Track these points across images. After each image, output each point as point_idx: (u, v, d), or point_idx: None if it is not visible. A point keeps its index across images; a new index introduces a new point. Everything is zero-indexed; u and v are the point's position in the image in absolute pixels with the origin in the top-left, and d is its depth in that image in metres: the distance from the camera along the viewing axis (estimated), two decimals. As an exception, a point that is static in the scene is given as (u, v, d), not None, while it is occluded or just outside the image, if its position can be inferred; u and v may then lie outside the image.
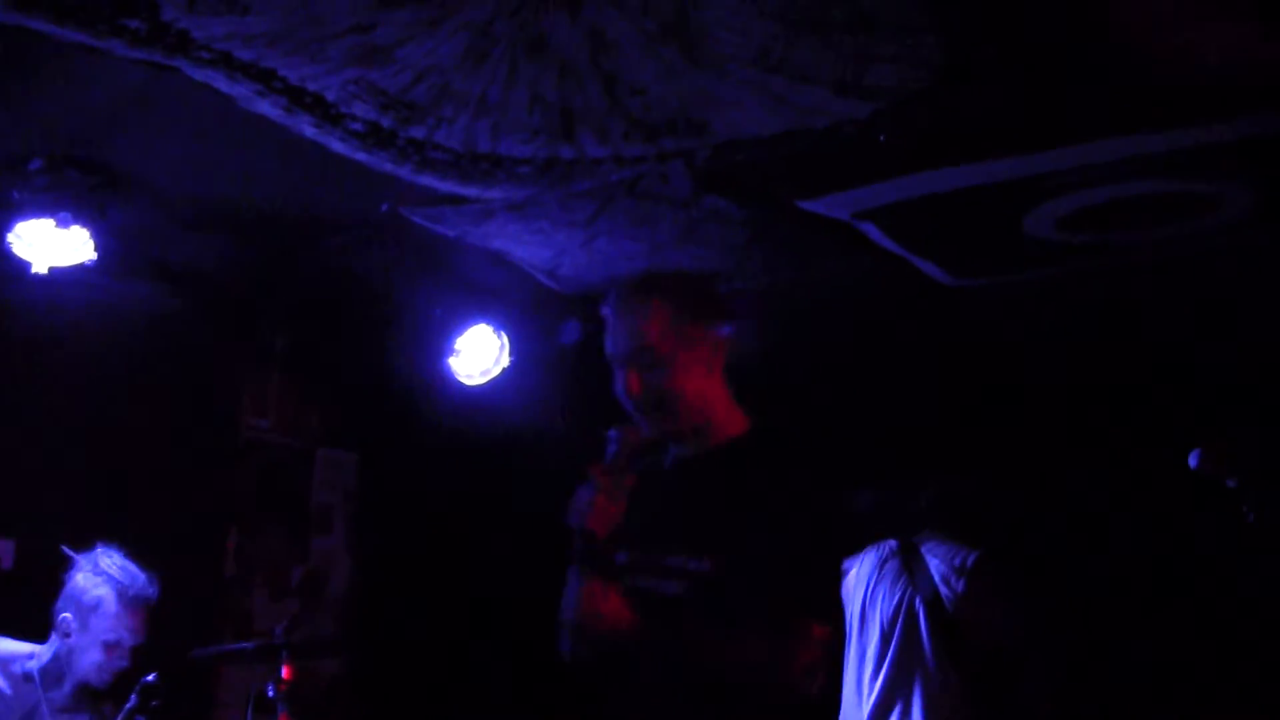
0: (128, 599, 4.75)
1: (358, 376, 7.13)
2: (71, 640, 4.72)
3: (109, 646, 4.70)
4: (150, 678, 4.48)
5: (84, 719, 4.72)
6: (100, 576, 4.76)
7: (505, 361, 6.48)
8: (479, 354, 6.46)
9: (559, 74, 4.20)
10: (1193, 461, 4.17)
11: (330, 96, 4.37)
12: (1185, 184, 4.97)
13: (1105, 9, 3.75)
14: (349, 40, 4.01)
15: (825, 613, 3.01)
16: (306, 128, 4.59)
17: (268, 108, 4.45)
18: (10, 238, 4.96)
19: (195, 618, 6.08)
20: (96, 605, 4.73)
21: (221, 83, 4.28)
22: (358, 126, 4.57)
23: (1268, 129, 4.50)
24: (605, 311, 3.21)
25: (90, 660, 4.69)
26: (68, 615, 4.73)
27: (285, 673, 4.81)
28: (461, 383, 6.48)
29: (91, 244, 5.02)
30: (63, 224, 4.94)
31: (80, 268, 5.07)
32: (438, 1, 3.80)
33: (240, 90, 4.33)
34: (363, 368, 7.01)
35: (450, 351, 6.42)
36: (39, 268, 5.02)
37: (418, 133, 4.61)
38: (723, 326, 3.19)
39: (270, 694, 4.80)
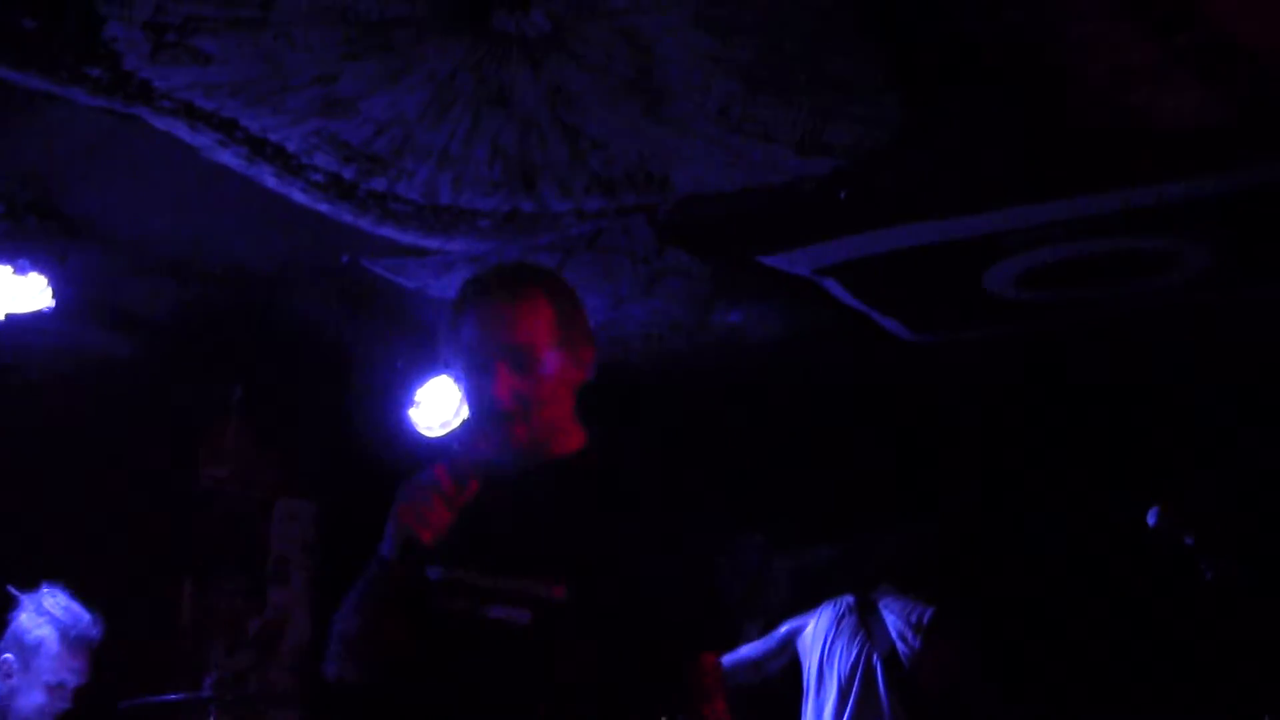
0: (70, 639, 4.66)
1: (317, 427, 7.09)
2: (13, 681, 4.63)
3: (51, 688, 4.62)
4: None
5: None
6: (43, 617, 4.68)
7: (465, 413, 6.45)
8: (439, 405, 6.44)
9: (521, 127, 4.22)
10: (1151, 519, 4.19)
11: (292, 147, 4.37)
12: (1143, 242, 5.01)
13: (1063, 70, 3.79)
14: (312, 91, 4.01)
15: (716, 642, 2.72)
16: (268, 178, 4.59)
17: (229, 158, 4.44)
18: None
19: (149, 668, 6.01)
20: (39, 646, 4.64)
21: (183, 132, 4.27)
22: (319, 178, 4.57)
23: (1222, 188, 4.56)
24: (467, 300, 2.81)
25: (32, 702, 4.61)
26: (9, 656, 4.65)
27: None
28: (421, 434, 6.46)
29: (49, 291, 4.99)
30: (20, 270, 4.91)
31: (38, 314, 5.04)
32: (401, 54, 3.81)
33: (202, 140, 4.32)
34: (322, 418, 6.97)
35: (410, 403, 6.40)
36: (-4, 314, 4.99)
37: (379, 184, 4.61)
38: (591, 340, 2.86)
39: None
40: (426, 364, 6.38)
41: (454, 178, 4.53)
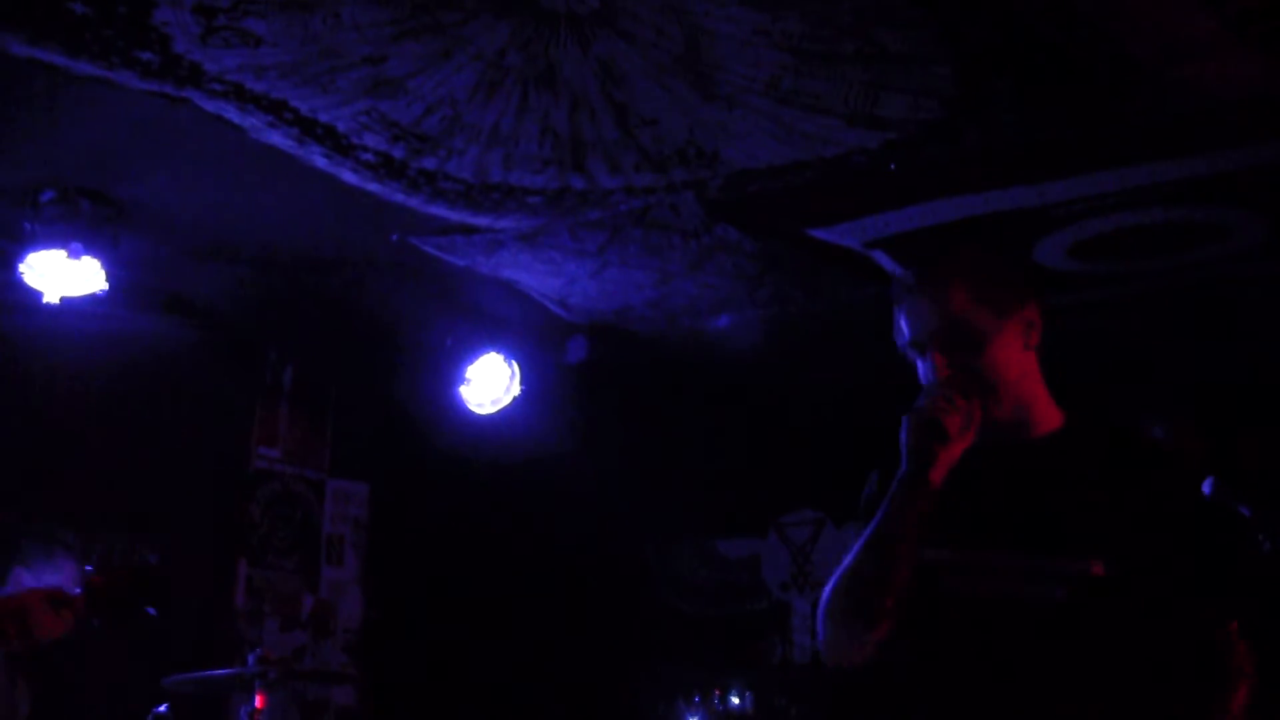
0: None
1: (368, 407, 7.12)
2: None
3: None
4: (161, 708, 4.47)
5: None
6: None
7: (516, 390, 6.47)
8: (490, 383, 6.46)
9: (570, 105, 4.21)
10: (1206, 490, 4.16)
11: (342, 128, 4.38)
12: (1196, 212, 4.97)
13: (1117, 40, 3.76)
14: (360, 72, 4.02)
15: (1250, 630, 2.61)
16: (318, 159, 4.60)
17: (279, 139, 4.46)
18: (22, 268, 4.97)
19: (205, 649, 6.06)
20: None
21: (233, 114, 4.29)
22: (369, 157, 4.58)
23: (1274, 157, 4.51)
24: (897, 293, 2.83)
25: None
26: None
27: (259, 701, 4.73)
28: (472, 411, 6.48)
29: (103, 275, 5.03)
30: (74, 255, 4.95)
31: (91, 298, 5.08)
32: (449, 34, 3.81)
33: (252, 121, 4.34)
34: (373, 398, 7.01)
35: (461, 380, 6.42)
36: (50, 298, 5.03)
37: (429, 163, 4.62)
38: (1035, 295, 2.78)
39: None
40: (476, 341, 6.40)
41: (504, 156, 4.53)
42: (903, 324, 2.78)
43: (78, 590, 4.06)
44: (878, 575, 2.58)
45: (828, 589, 2.65)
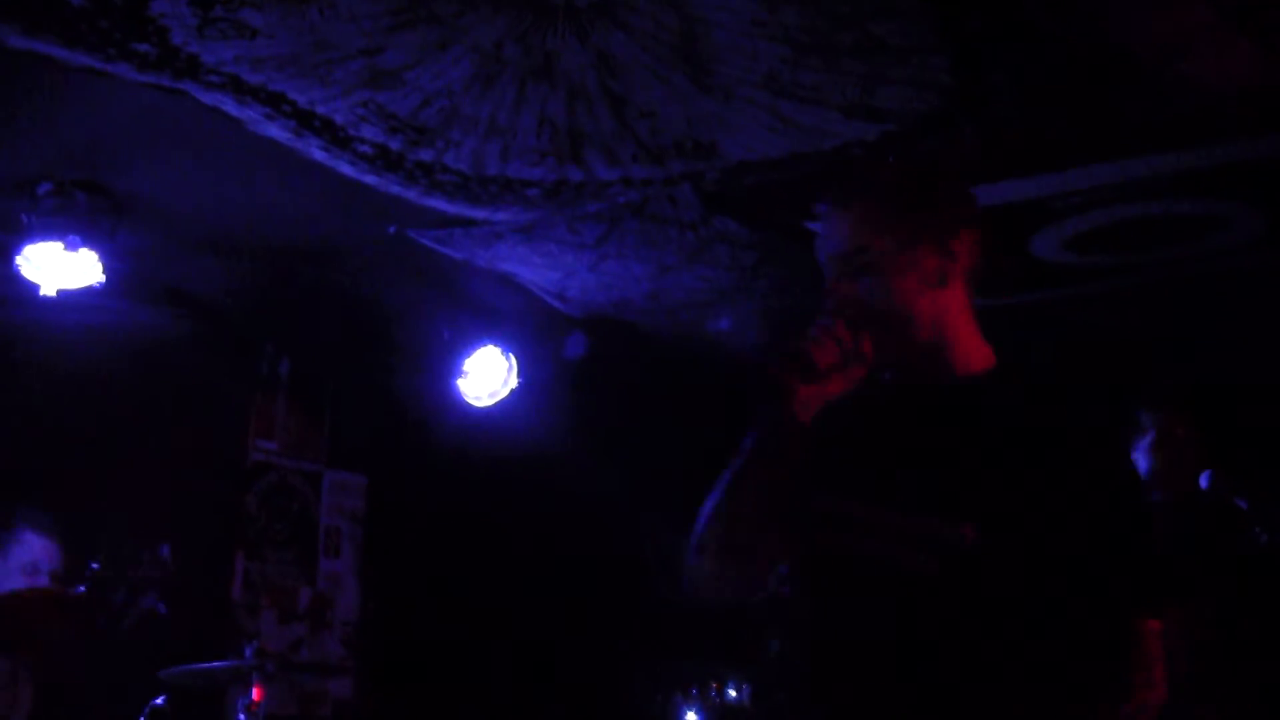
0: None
1: (366, 399, 7.12)
2: None
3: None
4: (159, 701, 4.46)
5: None
6: None
7: (513, 383, 6.48)
8: (487, 375, 6.46)
9: (568, 97, 4.21)
10: (1204, 482, 4.16)
11: (339, 119, 4.38)
12: (1192, 205, 4.97)
13: (1114, 31, 3.76)
14: (357, 63, 4.02)
15: (1156, 604, 2.27)
16: (315, 151, 4.60)
17: (277, 131, 4.45)
18: (19, 260, 4.97)
19: (203, 641, 6.06)
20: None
21: (231, 106, 4.29)
22: (366, 149, 4.57)
23: (1273, 149, 4.51)
24: (820, 210, 2.57)
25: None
26: None
27: (256, 694, 4.72)
28: (470, 404, 6.48)
29: (100, 267, 5.02)
30: (71, 247, 4.94)
31: (89, 291, 5.07)
32: (446, 25, 3.80)
33: (249, 114, 4.34)
34: (371, 390, 7.01)
35: (459, 373, 6.42)
36: (47, 290, 5.02)
37: (426, 155, 4.61)
38: (962, 224, 2.48)
39: (241, 717, 4.69)
40: (474, 334, 6.40)
41: (501, 148, 4.53)
42: (819, 246, 2.53)
43: (80, 588, 4.07)
44: (725, 512, 2.39)
45: (698, 522, 2.45)
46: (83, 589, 3.81)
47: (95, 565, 4.29)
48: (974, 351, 2.47)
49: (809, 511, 2.40)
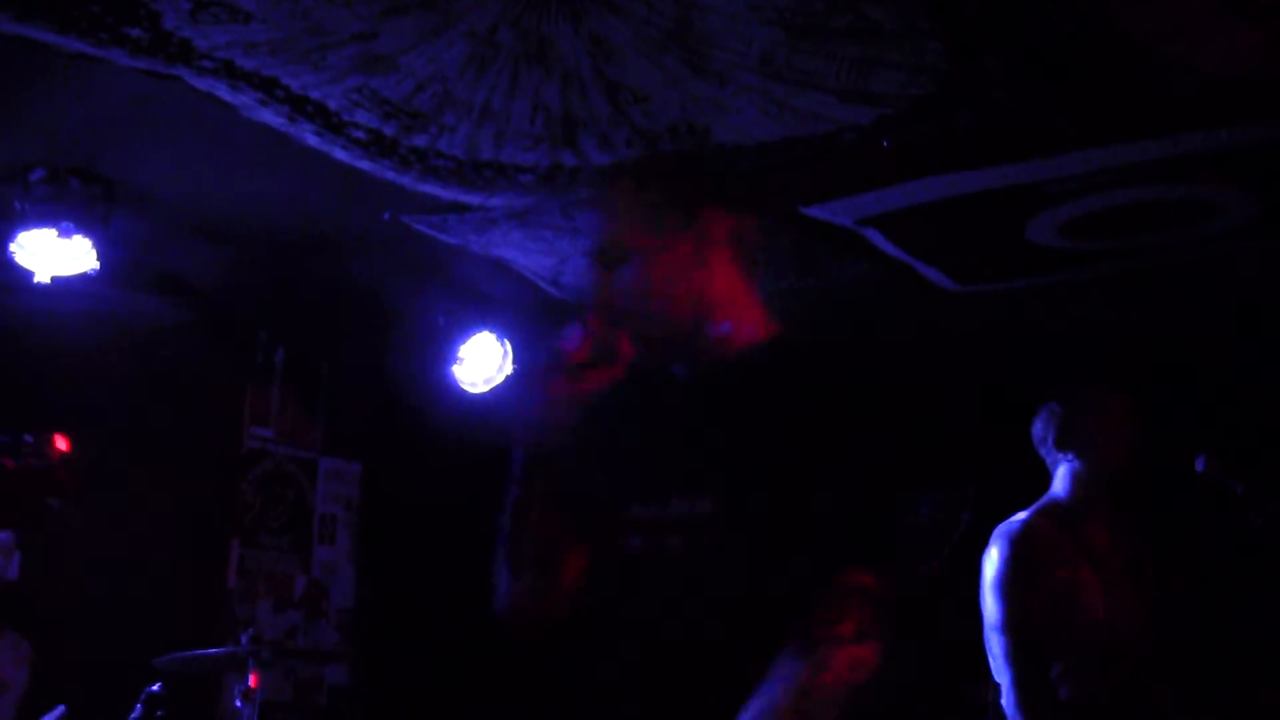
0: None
1: (360, 386, 7.12)
2: None
3: None
4: (155, 688, 4.46)
5: None
6: None
7: (508, 369, 6.47)
8: (482, 361, 6.46)
9: (562, 81, 4.20)
10: (1199, 466, 4.14)
11: (332, 105, 4.37)
12: (1188, 190, 4.97)
13: (1108, 15, 3.75)
14: (351, 48, 4.01)
15: (877, 560, 2.19)
16: (309, 136, 4.59)
17: (270, 116, 4.44)
18: (13, 247, 4.96)
19: (198, 629, 6.06)
20: None
21: (224, 92, 4.28)
22: (360, 135, 4.57)
23: (1269, 134, 4.50)
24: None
25: None
26: None
27: (252, 680, 4.71)
28: (465, 390, 6.48)
29: (94, 253, 5.02)
30: (65, 233, 4.94)
31: (82, 277, 5.07)
32: (440, 9, 3.80)
33: (242, 99, 4.33)
34: (366, 377, 7.00)
35: (454, 359, 6.42)
36: (41, 277, 5.01)
37: (420, 141, 4.61)
38: (715, 212, 2.45)
39: (237, 703, 4.70)
40: (469, 320, 6.40)
41: (495, 133, 4.52)
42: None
43: None
44: (511, 529, 2.40)
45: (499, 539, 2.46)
46: None
47: None
48: (747, 325, 2.44)
49: (592, 517, 2.40)
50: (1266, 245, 5.44)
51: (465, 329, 6.40)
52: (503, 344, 6.45)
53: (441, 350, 6.42)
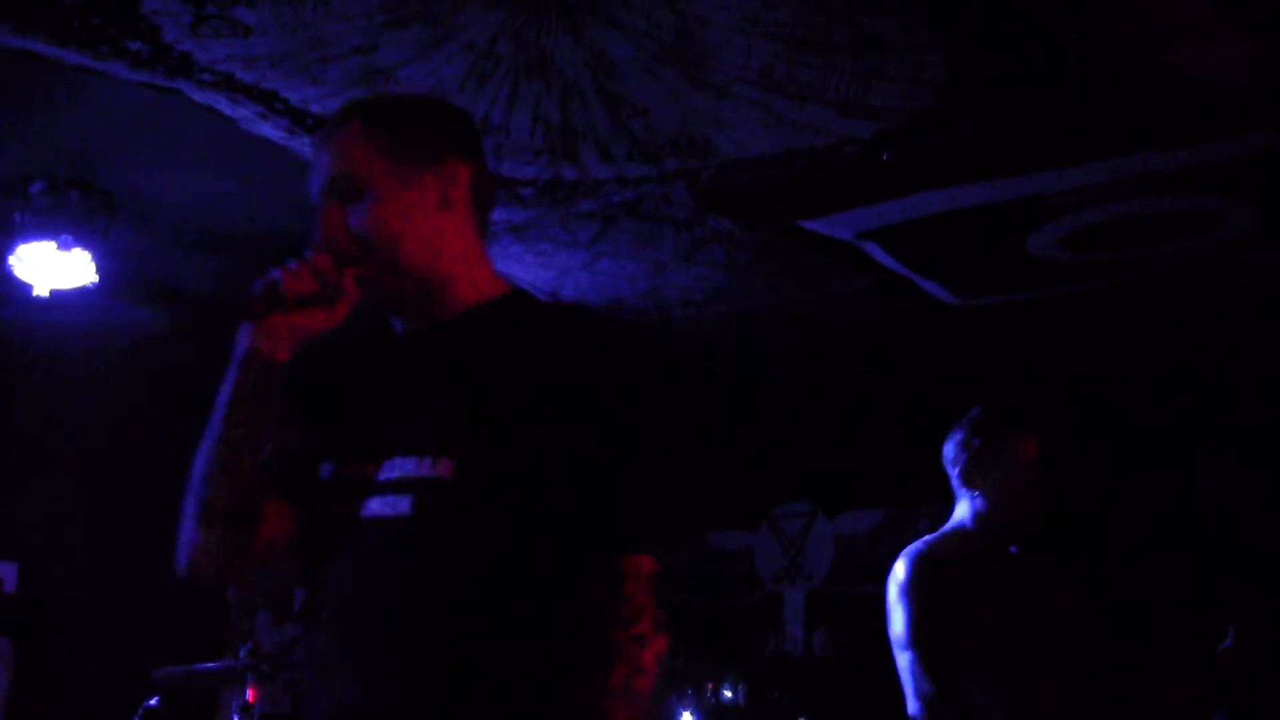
0: None
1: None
2: None
3: None
4: (153, 702, 4.45)
5: None
6: None
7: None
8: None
9: (562, 95, 4.20)
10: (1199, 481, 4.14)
11: (333, 118, 4.37)
12: (1187, 202, 4.97)
13: (1111, 25, 3.75)
14: (351, 61, 4.01)
15: (651, 541, 2.01)
16: (309, 149, 4.59)
17: (270, 130, 4.45)
18: (12, 260, 4.95)
19: (198, 641, 6.06)
20: None
21: (224, 105, 4.28)
22: (360, 148, 4.56)
23: (1268, 146, 4.50)
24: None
25: None
26: None
27: (250, 695, 4.68)
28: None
29: (93, 266, 5.01)
30: (64, 246, 4.93)
31: (82, 290, 5.06)
32: (440, 22, 3.80)
33: (242, 113, 4.33)
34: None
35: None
36: (40, 290, 5.01)
37: (420, 154, 4.60)
38: (457, 146, 2.26)
39: (235, 718, 4.65)
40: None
41: (495, 146, 4.52)
42: (310, 177, 2.27)
43: None
44: (205, 472, 2.16)
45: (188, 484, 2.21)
46: None
47: None
48: (481, 281, 2.23)
49: (302, 476, 2.20)
50: (1265, 257, 5.44)
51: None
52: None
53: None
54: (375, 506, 2.07)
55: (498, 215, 5.14)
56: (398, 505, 2.04)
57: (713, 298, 6.11)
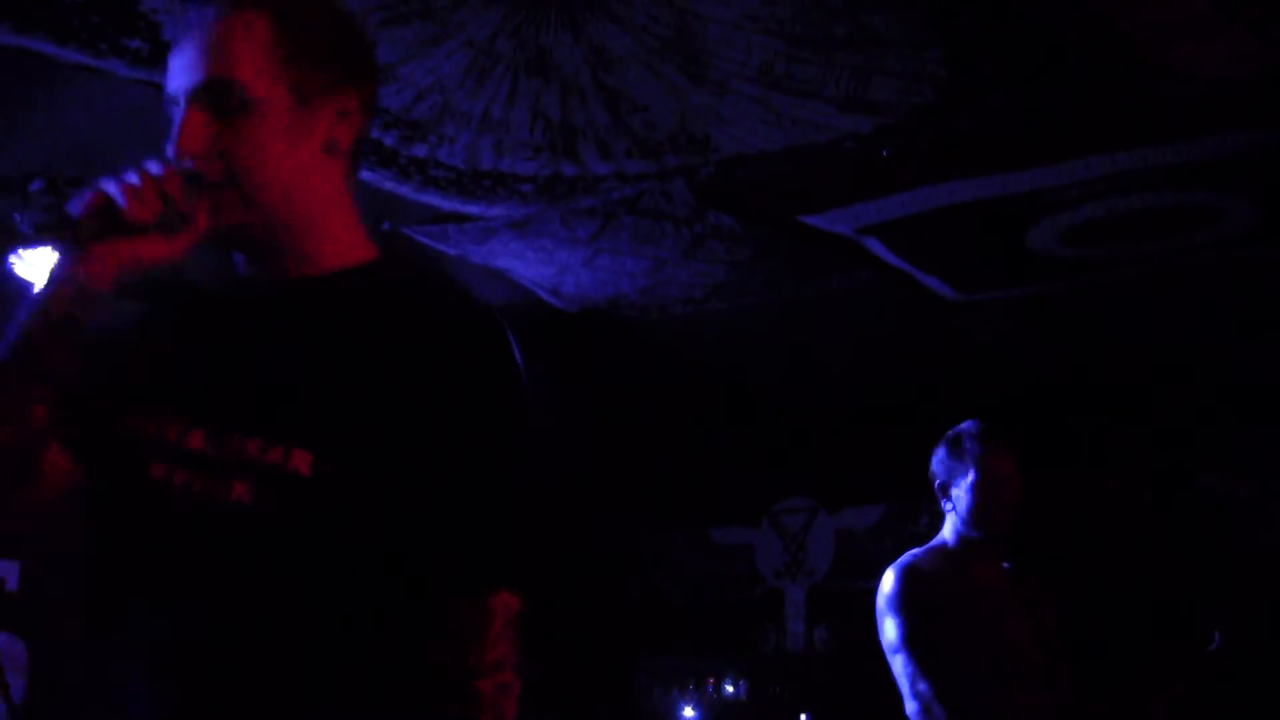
0: None
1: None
2: None
3: None
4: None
5: None
6: None
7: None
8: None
9: (562, 91, 4.20)
10: (1199, 479, 4.16)
11: (332, 115, 4.36)
12: (1187, 197, 4.97)
13: (1110, 22, 3.75)
14: (350, 58, 4.01)
15: (516, 576, 1.75)
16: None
17: (269, 128, 4.44)
18: (12, 260, 4.95)
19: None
20: None
21: (223, 103, 4.27)
22: (360, 145, 4.56)
23: (1267, 142, 4.51)
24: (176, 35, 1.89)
25: None
26: None
27: None
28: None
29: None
30: (64, 246, 4.92)
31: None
32: (440, 19, 3.80)
33: (242, 111, 4.33)
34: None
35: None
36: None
37: (420, 151, 4.61)
38: (351, 87, 1.86)
39: None
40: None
41: (495, 142, 4.52)
42: (170, 72, 1.88)
43: None
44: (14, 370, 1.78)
45: None
46: None
47: None
48: (350, 241, 1.90)
49: (109, 423, 1.86)
50: (1263, 252, 5.44)
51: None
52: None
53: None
54: (187, 479, 1.77)
55: (498, 211, 5.14)
56: (229, 489, 1.73)
57: (713, 294, 6.12)
